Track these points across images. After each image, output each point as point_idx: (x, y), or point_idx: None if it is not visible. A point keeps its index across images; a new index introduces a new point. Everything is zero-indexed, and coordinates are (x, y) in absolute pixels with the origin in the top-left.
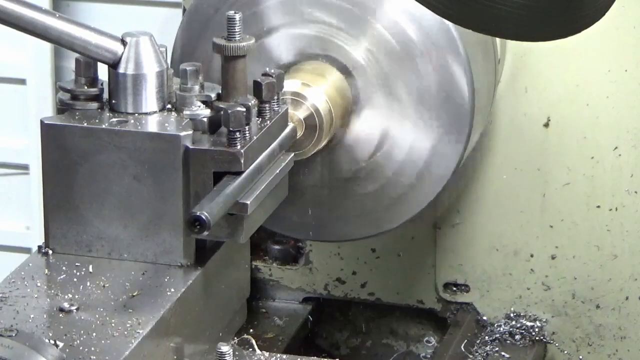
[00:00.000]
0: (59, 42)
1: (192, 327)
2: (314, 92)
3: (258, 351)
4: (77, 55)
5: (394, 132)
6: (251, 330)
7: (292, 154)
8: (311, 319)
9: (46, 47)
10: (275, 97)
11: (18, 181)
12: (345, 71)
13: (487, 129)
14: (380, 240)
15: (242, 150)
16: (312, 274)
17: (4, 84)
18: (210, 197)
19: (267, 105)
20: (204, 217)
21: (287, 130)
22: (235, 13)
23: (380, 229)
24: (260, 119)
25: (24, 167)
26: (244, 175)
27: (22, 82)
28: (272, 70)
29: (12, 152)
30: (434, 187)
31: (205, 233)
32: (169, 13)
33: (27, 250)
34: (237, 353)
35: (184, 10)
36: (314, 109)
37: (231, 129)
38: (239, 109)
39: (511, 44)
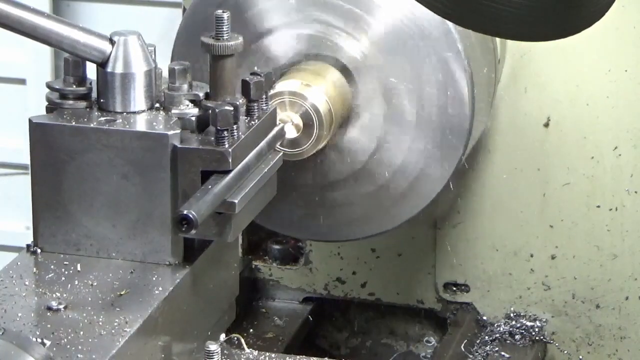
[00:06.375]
0: (48, 42)
1: (180, 325)
2: (314, 92)
3: (247, 349)
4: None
5: (394, 131)
6: (251, 330)
7: (281, 153)
8: (311, 319)
9: (46, 47)
10: (264, 97)
11: (18, 181)
12: (345, 71)
13: (487, 129)
14: (380, 240)
15: (230, 149)
16: (312, 274)
17: (4, 84)
18: (198, 196)
19: (255, 104)
20: (191, 216)
21: (276, 129)
22: (223, 12)
23: (380, 229)
24: (249, 118)
25: (24, 167)
26: (231, 174)
27: (22, 82)
28: (261, 70)
29: (12, 152)
30: (434, 187)
31: (193, 232)
32: (169, 13)
33: None
34: (225, 352)
35: (184, 10)
36: (314, 108)
37: (219, 127)
38: (227, 108)
39: (511, 44)
